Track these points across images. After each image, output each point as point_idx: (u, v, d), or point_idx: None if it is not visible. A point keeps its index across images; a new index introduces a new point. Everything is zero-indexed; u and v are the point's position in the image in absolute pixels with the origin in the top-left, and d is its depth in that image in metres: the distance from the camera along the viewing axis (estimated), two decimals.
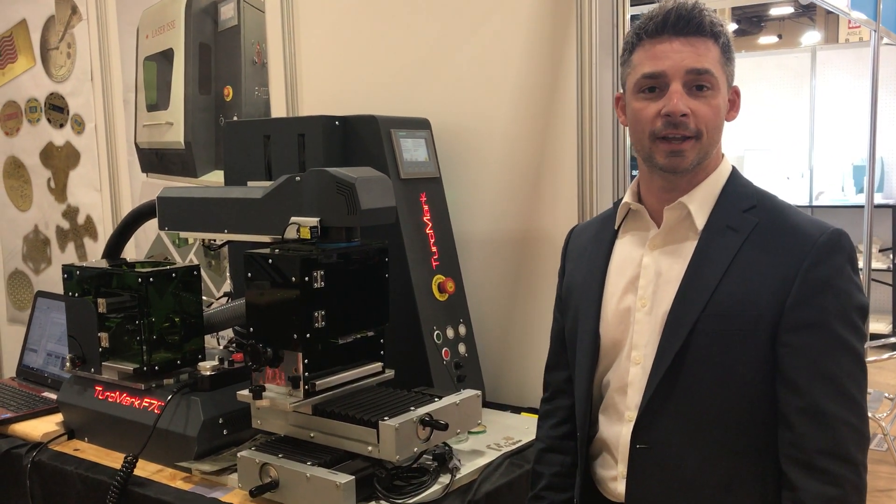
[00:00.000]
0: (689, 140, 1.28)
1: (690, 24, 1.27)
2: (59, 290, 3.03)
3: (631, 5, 2.05)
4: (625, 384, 1.36)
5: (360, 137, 1.98)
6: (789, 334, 1.23)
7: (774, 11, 13.08)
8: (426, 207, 2.02)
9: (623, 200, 1.42)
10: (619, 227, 1.44)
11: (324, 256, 1.61)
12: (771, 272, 1.24)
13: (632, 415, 1.34)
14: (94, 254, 3.23)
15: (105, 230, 3.18)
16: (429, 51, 2.25)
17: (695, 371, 1.27)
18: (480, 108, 2.16)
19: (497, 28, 2.11)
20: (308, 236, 1.65)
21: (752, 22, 14.39)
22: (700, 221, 1.32)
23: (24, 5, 3.37)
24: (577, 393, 1.45)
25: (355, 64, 2.42)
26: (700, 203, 1.33)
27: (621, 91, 1.38)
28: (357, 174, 1.63)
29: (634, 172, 1.64)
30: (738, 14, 12.92)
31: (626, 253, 1.40)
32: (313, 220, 1.65)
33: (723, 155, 1.38)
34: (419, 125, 2.08)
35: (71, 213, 3.32)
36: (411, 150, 2.02)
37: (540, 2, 2.03)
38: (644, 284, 1.35)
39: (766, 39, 14.67)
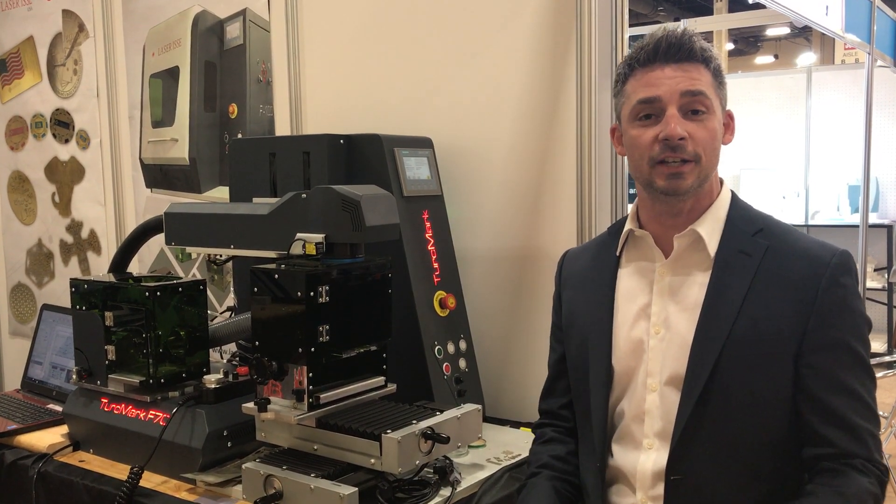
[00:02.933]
0: (689, 163, 1.30)
1: (682, 51, 1.31)
2: (62, 303, 3.06)
3: (630, 26, 2.10)
4: (641, 412, 1.37)
5: (364, 156, 2.03)
6: (812, 355, 1.27)
7: (771, 32, 13.21)
8: (428, 225, 2.05)
9: (625, 227, 1.43)
10: (619, 254, 1.45)
11: (329, 272, 1.64)
12: (790, 295, 1.28)
13: (651, 442, 1.35)
14: (98, 268, 3.26)
15: (109, 244, 3.21)
16: (432, 72, 2.29)
17: (724, 398, 1.28)
18: (482, 128, 2.20)
19: (499, 50, 2.16)
20: (313, 252, 1.69)
21: (748, 42, 14.52)
22: (712, 248, 1.34)
23: (31, 22, 3.41)
24: (594, 423, 1.44)
25: (359, 83, 2.46)
26: (710, 229, 1.35)
27: (616, 122, 1.41)
28: (362, 192, 1.67)
29: (632, 191, 1.68)
30: (735, 34, 13.05)
31: (634, 280, 1.42)
32: (319, 237, 1.69)
33: (721, 179, 1.40)
34: (422, 144, 2.12)
35: (75, 228, 3.36)
36: (414, 168, 2.06)
37: (540, 25, 2.08)
38: (657, 311, 1.36)
39: (763, 59, 14.81)
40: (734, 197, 1.40)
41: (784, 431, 1.29)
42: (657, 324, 1.36)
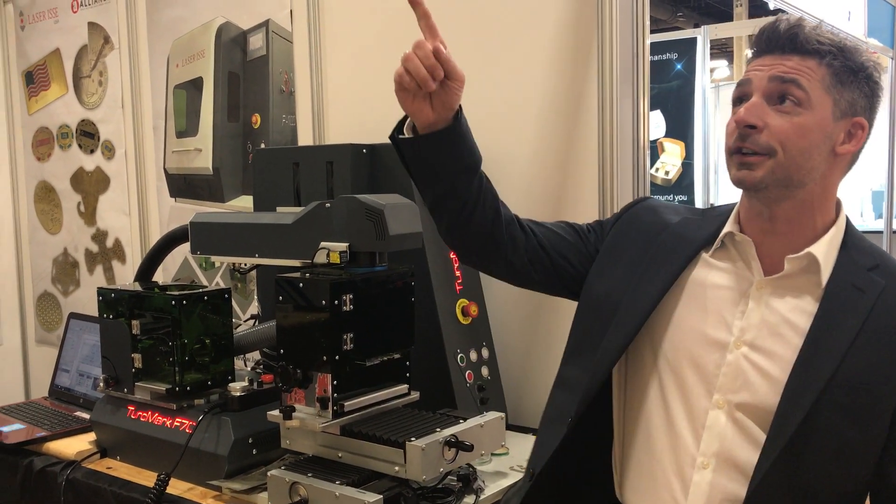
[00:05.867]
0: (759, 155, 1.19)
1: (782, 40, 1.20)
2: (88, 311, 3.10)
3: (658, 53, 2.10)
4: (700, 426, 1.26)
5: (387, 165, 2.04)
6: None
7: None
8: None
9: (726, 228, 1.31)
10: (710, 251, 1.32)
11: (353, 280, 1.65)
12: None
13: (707, 461, 1.25)
14: (123, 276, 3.29)
15: (133, 253, 3.25)
16: None
17: (814, 442, 1.17)
18: (503, 136, 2.21)
19: (519, 57, 2.17)
20: (337, 261, 1.70)
21: None
22: (825, 275, 1.22)
23: (58, 35, 3.47)
24: (578, 380, 1.35)
25: (381, 92, 2.46)
26: (826, 255, 1.23)
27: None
28: (385, 201, 1.69)
29: (660, 198, 1.65)
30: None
31: (720, 282, 1.30)
32: (342, 245, 1.70)
33: (838, 200, 1.29)
34: None
35: (100, 237, 3.40)
36: None
37: (562, 31, 2.09)
38: (744, 327, 1.25)
39: None
40: (849, 222, 1.29)
41: (863, 484, 1.22)
42: (743, 340, 1.24)
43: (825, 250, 1.24)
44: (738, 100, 1.23)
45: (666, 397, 1.31)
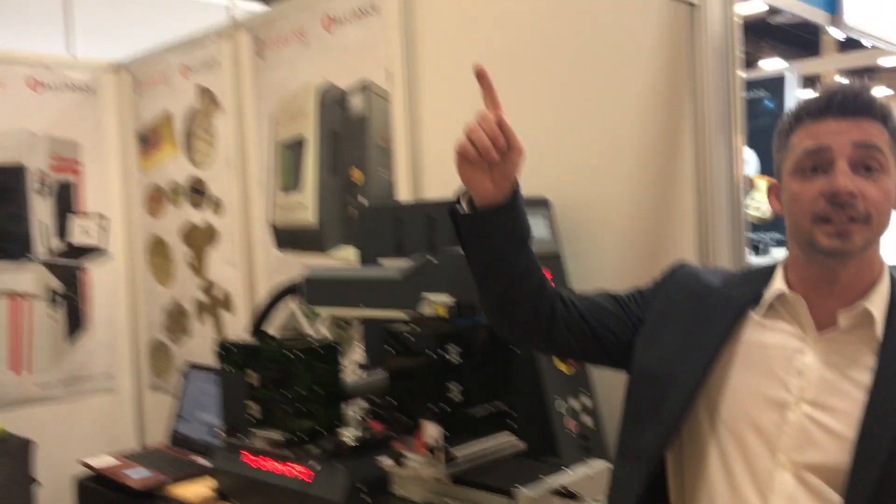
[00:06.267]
0: (857, 223, 1.18)
1: (858, 104, 1.21)
2: (198, 359, 3.26)
3: (748, 89, 2.12)
4: (767, 488, 1.23)
5: None
6: None
7: (885, 62, 12.74)
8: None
9: (775, 287, 1.31)
10: (758, 310, 1.32)
11: (458, 331, 1.72)
12: None
13: None
14: (231, 325, 3.45)
15: (241, 303, 3.40)
16: (546, 131, 2.37)
17: (890, 501, 1.15)
18: (598, 185, 2.26)
19: (612, 106, 2.22)
20: (443, 312, 1.78)
21: (859, 75, 14.02)
22: (880, 327, 1.22)
23: (169, 98, 3.71)
24: (646, 443, 1.34)
25: None
26: (879, 306, 1.23)
27: (775, 179, 1.31)
28: None
29: (753, 235, 1.63)
30: (846, 69, 12.65)
31: (774, 342, 1.29)
32: (447, 298, 1.78)
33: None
34: (539, 203, 2.19)
35: (209, 288, 3.58)
36: (533, 227, 2.12)
37: (654, 78, 2.13)
38: (804, 385, 1.24)
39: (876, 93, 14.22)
40: (891, 270, 1.29)
41: None
42: (803, 398, 1.23)
43: (878, 303, 1.23)
44: (815, 168, 1.21)
45: (727, 461, 1.29)
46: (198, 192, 3.61)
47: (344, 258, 2.93)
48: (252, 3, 5.54)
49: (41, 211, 3.78)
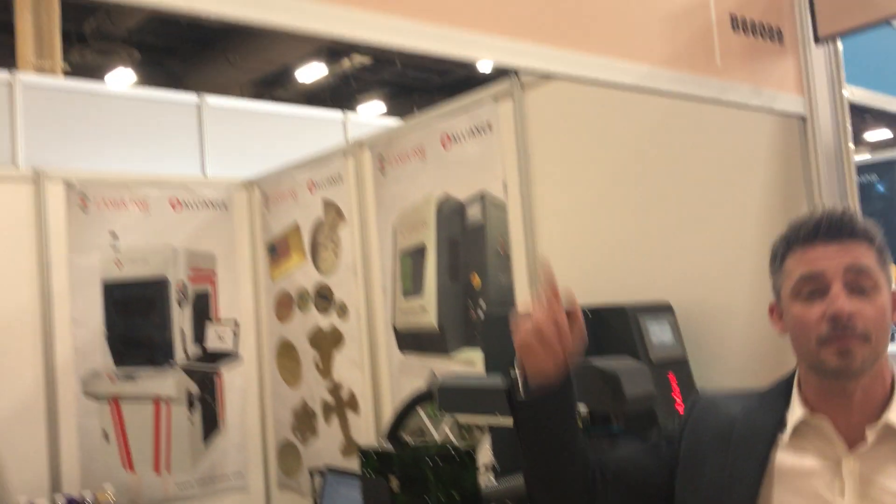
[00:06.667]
0: (858, 341, 1.25)
1: (843, 229, 1.29)
2: (325, 459, 3.40)
3: (858, 174, 2.15)
4: None
5: (610, 325, 2.20)
6: None
7: None
8: (675, 387, 2.17)
9: (797, 414, 1.35)
10: (786, 437, 1.35)
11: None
12: None
13: None
14: (357, 426, 3.60)
15: (366, 404, 3.56)
16: (667, 238, 2.46)
17: None
18: (720, 289, 2.32)
19: (731, 213, 2.30)
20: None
21: None
22: None
23: (297, 211, 3.99)
24: None
25: (593, 251, 2.68)
26: None
27: (774, 300, 1.39)
28: (619, 365, 1.84)
29: None
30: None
31: (805, 465, 1.32)
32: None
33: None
34: (663, 309, 2.27)
35: (335, 389, 3.76)
36: (658, 333, 2.20)
37: (770, 185, 2.20)
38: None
39: None
40: None
41: None
42: None
43: None
44: (812, 293, 1.28)
45: None
46: (324, 298, 3.83)
47: (467, 360, 3.05)
48: (365, 118, 5.92)
49: (181, 319, 4.08)
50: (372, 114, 13.57)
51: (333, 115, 5.39)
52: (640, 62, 1.65)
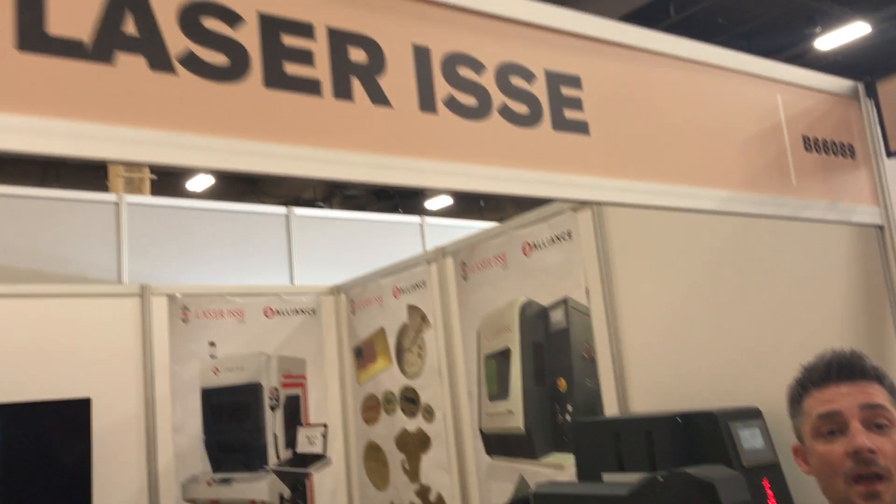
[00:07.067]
0: (883, 480, 1.29)
1: (854, 370, 1.37)
2: None
3: None
4: None
5: (701, 431, 2.25)
6: None
7: None
8: (769, 493, 2.19)
9: None
10: None
11: None
12: None
13: None
14: None
15: None
16: (753, 344, 2.51)
17: None
18: None
19: (814, 317, 2.35)
20: None
21: None
22: None
23: (382, 316, 4.15)
24: None
25: (680, 355, 2.74)
26: None
27: (797, 442, 1.44)
28: (714, 474, 1.90)
29: None
30: None
31: None
32: None
33: None
34: (752, 415, 2.31)
35: (423, 492, 3.82)
36: (749, 439, 2.24)
37: (852, 290, 2.25)
38: None
39: None
40: None
41: None
42: None
43: None
44: (831, 432, 1.34)
45: None
46: (410, 401, 3.94)
47: (556, 464, 3.10)
48: (441, 219, 6.15)
49: (273, 424, 4.24)
50: (440, 206, 13.91)
51: (411, 219, 5.63)
52: (720, 188, 1.77)
